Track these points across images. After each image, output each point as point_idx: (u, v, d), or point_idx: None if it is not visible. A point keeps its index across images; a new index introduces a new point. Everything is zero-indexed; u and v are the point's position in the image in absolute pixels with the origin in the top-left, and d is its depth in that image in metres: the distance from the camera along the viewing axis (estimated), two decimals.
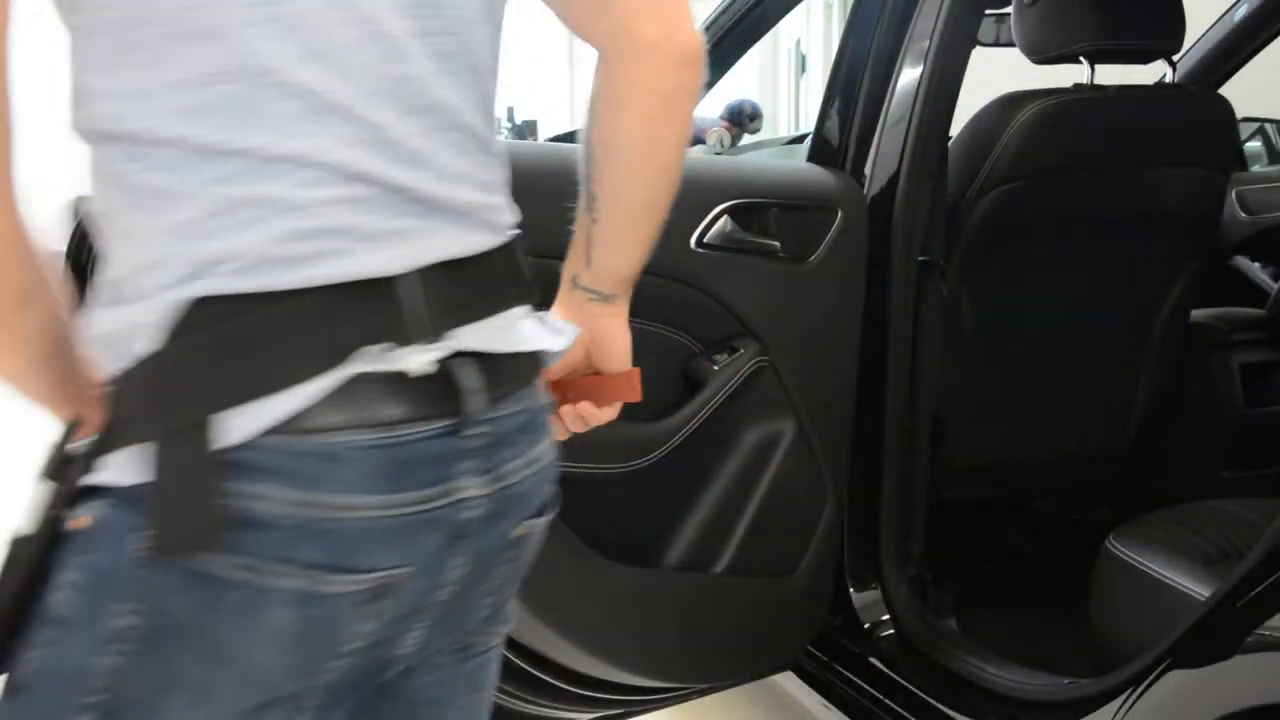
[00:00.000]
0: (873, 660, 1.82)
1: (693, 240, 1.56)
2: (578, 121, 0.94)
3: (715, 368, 1.58)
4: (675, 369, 1.59)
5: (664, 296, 1.55)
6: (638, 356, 1.07)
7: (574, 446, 1.50)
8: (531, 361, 0.87)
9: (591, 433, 1.52)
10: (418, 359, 0.75)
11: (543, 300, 0.94)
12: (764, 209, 1.62)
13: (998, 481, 2.26)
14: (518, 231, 0.88)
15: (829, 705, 1.85)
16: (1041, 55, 1.91)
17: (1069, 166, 1.95)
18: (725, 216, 1.58)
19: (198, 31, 0.70)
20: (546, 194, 1.27)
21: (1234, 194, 2.66)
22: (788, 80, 9.57)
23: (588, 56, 0.90)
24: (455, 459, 0.78)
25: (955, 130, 1.92)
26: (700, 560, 1.64)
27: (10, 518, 0.77)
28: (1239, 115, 2.13)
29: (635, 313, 1.55)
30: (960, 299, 2.00)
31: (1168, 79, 2.09)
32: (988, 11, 2.18)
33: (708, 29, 2.65)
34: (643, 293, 1.54)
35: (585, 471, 1.50)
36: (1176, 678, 1.26)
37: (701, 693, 1.80)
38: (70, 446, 0.76)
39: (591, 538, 1.52)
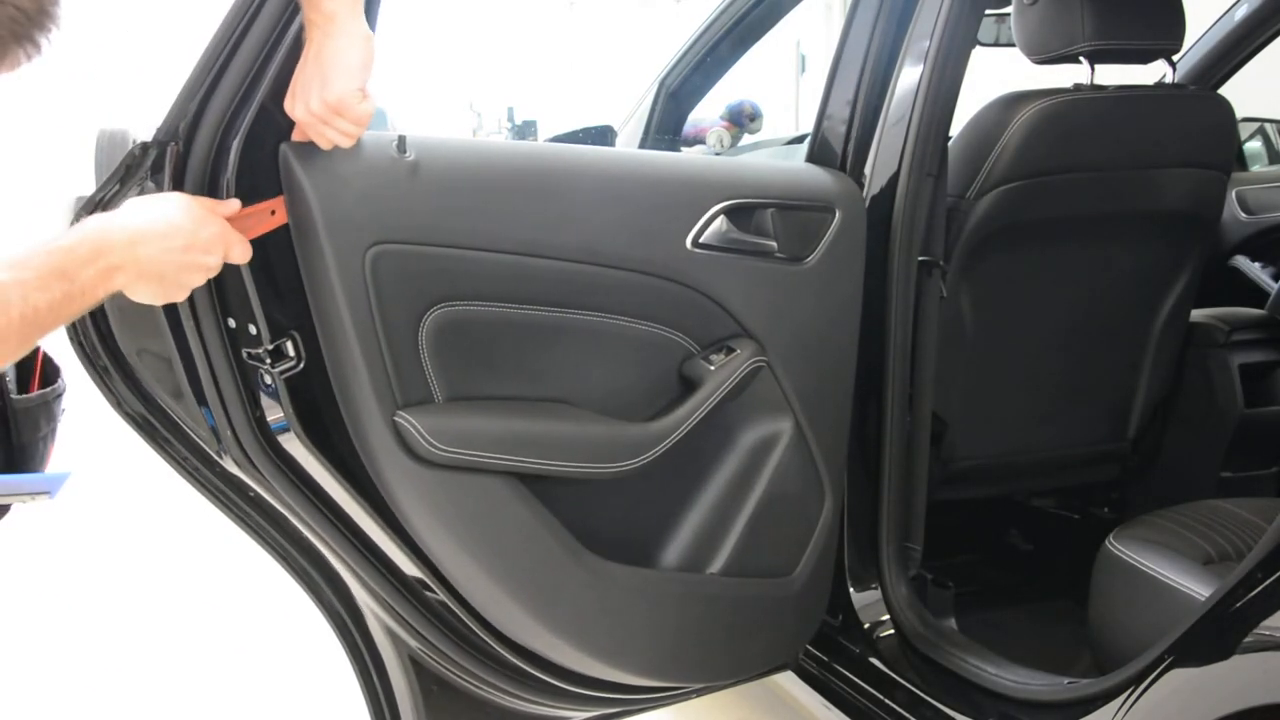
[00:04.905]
0: (873, 660, 1.82)
1: (688, 240, 1.55)
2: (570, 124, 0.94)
3: (712, 368, 1.57)
4: (672, 369, 1.58)
5: (660, 296, 1.55)
6: (634, 356, 1.06)
7: (570, 446, 1.52)
8: None
9: (587, 433, 1.53)
10: None
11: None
12: (761, 209, 1.62)
13: (998, 481, 2.26)
14: None
15: (829, 705, 1.85)
16: (1041, 55, 1.91)
17: (1069, 167, 1.95)
18: (721, 216, 1.58)
19: None
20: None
21: (1234, 194, 2.66)
22: (788, 80, 9.56)
23: (588, 58, 0.89)
24: None
25: (955, 130, 1.92)
26: (697, 560, 1.63)
27: None
28: (1239, 115, 2.13)
29: (632, 312, 1.56)
30: (960, 299, 2.00)
31: (1168, 79, 2.09)
32: (988, 11, 2.18)
33: (708, 29, 2.66)
34: (638, 292, 1.55)
35: (581, 471, 1.50)
36: (1176, 678, 1.26)
37: (700, 693, 1.80)
38: None
39: (588, 538, 1.52)
